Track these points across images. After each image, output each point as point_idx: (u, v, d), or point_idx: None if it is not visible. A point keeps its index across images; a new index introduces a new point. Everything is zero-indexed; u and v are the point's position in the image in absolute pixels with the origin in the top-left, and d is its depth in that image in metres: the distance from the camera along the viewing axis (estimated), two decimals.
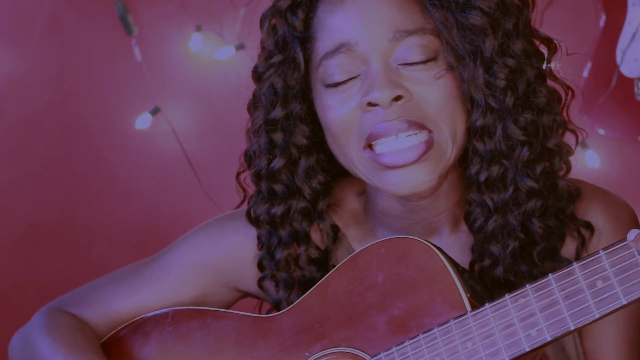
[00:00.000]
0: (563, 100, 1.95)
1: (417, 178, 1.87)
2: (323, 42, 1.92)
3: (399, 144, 1.86)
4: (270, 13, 1.98)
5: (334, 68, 1.90)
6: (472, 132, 1.90)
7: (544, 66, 1.92)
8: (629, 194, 2.07)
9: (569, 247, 1.96)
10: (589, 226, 1.96)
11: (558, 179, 1.93)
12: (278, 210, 2.01)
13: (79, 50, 4.10)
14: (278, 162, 2.00)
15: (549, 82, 1.94)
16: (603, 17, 3.84)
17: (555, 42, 1.95)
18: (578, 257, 1.95)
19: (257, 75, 2.00)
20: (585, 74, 3.86)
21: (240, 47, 3.98)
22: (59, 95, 4.10)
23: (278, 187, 2.01)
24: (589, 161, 3.84)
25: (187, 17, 4.05)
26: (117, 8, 3.99)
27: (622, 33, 3.81)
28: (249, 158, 2.05)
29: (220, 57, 4.04)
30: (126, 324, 2.11)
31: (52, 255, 4.10)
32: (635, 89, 3.82)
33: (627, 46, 3.80)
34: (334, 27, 1.90)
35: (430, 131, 1.86)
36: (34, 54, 4.08)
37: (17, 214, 4.10)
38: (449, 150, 1.89)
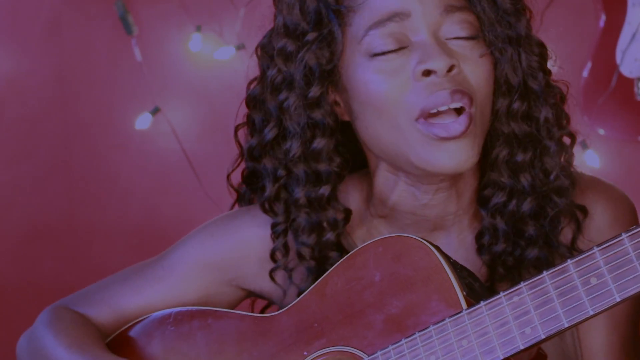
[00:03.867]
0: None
1: (462, 152, 1.86)
2: (369, 13, 1.90)
3: (449, 117, 1.86)
4: None
5: (383, 37, 1.88)
6: (505, 116, 1.93)
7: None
8: (629, 194, 2.08)
9: (564, 234, 1.98)
10: (583, 209, 1.98)
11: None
12: (326, 190, 1.98)
13: (79, 50, 4.10)
14: (320, 142, 1.96)
15: None
16: (603, 17, 3.84)
17: (547, 49, 1.99)
18: (574, 242, 1.97)
19: (287, 55, 1.96)
20: (585, 74, 3.87)
21: (240, 47, 3.99)
22: (59, 95, 4.10)
23: (323, 167, 1.98)
24: (589, 161, 3.84)
25: (187, 17, 4.06)
26: (117, 8, 3.99)
27: (622, 33, 3.82)
28: (263, 147, 2.01)
29: (220, 57, 4.04)
30: (129, 324, 2.12)
31: (52, 255, 4.11)
32: (635, 89, 3.82)
33: (627, 46, 3.80)
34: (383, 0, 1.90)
35: (468, 108, 1.87)
36: (34, 54, 4.08)
37: (17, 214, 4.10)
38: (481, 128, 1.90)
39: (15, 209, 4.10)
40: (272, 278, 2.07)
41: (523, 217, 1.95)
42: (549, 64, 2.02)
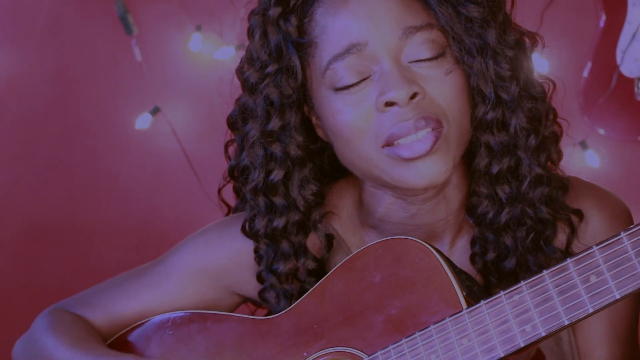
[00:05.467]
0: (549, 93, 1.98)
1: (433, 168, 1.85)
2: (329, 46, 1.88)
3: (414, 137, 1.84)
4: (260, 22, 1.94)
5: (344, 70, 1.87)
6: (481, 126, 1.91)
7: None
8: (629, 194, 2.08)
9: (559, 237, 1.97)
10: (578, 213, 1.97)
11: (554, 166, 1.97)
12: (280, 223, 1.99)
13: (79, 50, 4.10)
14: (277, 175, 1.97)
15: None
16: (603, 17, 3.84)
17: (533, 35, 1.96)
18: (569, 246, 1.97)
19: (250, 87, 1.95)
20: (585, 74, 3.87)
21: (240, 47, 3.99)
22: (59, 95, 4.10)
23: (278, 200, 1.99)
24: (589, 161, 3.84)
25: (187, 17, 4.06)
26: (117, 8, 3.99)
27: (622, 33, 3.81)
28: (240, 172, 2.03)
29: (220, 57, 4.04)
30: (127, 328, 2.12)
31: (52, 255, 4.10)
32: (635, 89, 3.82)
33: (627, 46, 3.80)
34: (340, 29, 1.87)
35: (440, 126, 1.86)
36: (34, 54, 4.08)
37: (17, 214, 4.10)
38: (456, 142, 1.88)
39: (15, 209, 4.10)
40: (262, 299, 2.07)
41: (499, 228, 1.94)
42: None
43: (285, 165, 1.97)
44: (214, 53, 4.05)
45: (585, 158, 3.83)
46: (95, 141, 4.12)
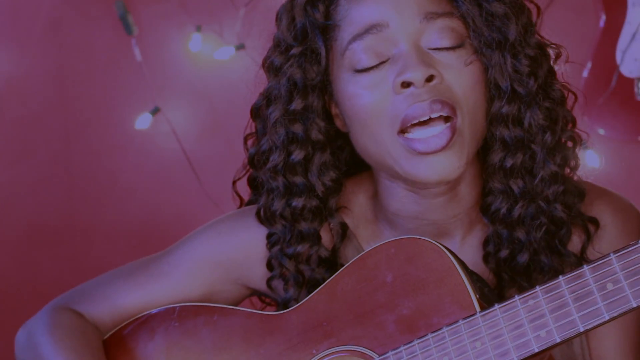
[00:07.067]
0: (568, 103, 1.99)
1: (446, 164, 1.87)
2: (350, 28, 1.92)
3: (430, 132, 1.86)
4: (288, 8, 1.98)
5: (362, 52, 1.90)
6: (496, 120, 1.92)
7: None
8: (629, 194, 2.09)
9: (574, 243, 1.98)
10: (594, 221, 1.98)
11: (570, 172, 1.98)
12: (299, 202, 2.01)
13: (79, 50, 4.10)
14: (298, 155, 1.99)
15: None
16: (603, 17, 3.85)
17: (558, 48, 1.98)
18: (584, 253, 1.97)
19: (274, 69, 1.99)
20: (585, 74, 3.87)
21: (240, 47, 3.99)
22: (59, 95, 4.10)
23: (298, 180, 2.00)
24: (589, 161, 3.84)
25: (187, 17, 4.06)
26: (117, 8, 3.99)
27: (622, 33, 3.82)
28: (260, 157, 2.04)
29: (220, 57, 4.04)
30: (132, 319, 2.12)
31: (52, 255, 4.10)
32: (635, 89, 3.82)
33: (627, 46, 3.80)
34: (362, 12, 1.91)
35: (454, 118, 1.87)
36: (34, 54, 4.08)
37: (17, 214, 4.10)
38: (471, 137, 1.90)
39: (15, 209, 4.10)
40: (269, 287, 2.07)
41: (512, 223, 1.95)
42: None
43: (306, 148, 1.99)
44: (214, 53, 4.06)
45: (585, 158, 3.83)
46: (95, 141, 4.12)
